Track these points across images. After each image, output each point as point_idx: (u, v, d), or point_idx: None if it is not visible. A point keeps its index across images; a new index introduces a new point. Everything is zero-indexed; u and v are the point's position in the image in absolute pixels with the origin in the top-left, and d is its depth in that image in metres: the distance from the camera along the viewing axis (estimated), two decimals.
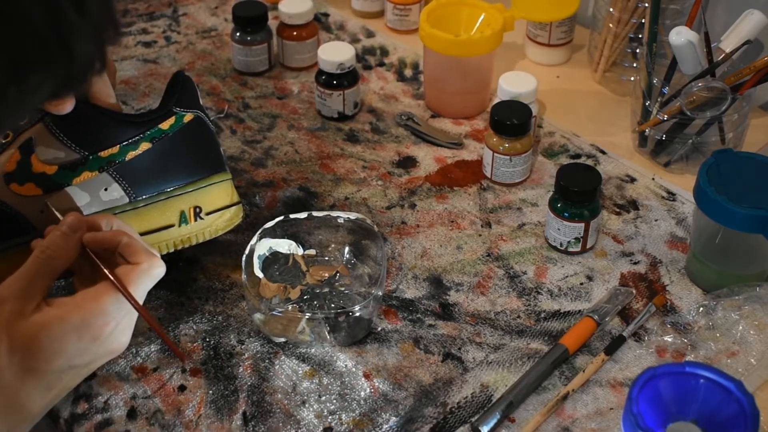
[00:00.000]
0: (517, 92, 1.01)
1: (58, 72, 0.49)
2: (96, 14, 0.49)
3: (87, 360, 0.64)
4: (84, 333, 0.63)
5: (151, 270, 0.68)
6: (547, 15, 1.12)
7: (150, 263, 0.68)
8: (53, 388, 0.64)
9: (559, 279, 0.90)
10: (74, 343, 0.63)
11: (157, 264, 0.69)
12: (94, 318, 0.64)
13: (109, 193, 0.81)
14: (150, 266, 0.68)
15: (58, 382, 0.64)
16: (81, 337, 0.63)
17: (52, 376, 0.63)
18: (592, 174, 0.90)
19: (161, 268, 0.69)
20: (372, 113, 1.11)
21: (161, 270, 0.69)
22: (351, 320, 0.82)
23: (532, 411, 0.78)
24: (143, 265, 0.68)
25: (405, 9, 1.23)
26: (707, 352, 0.81)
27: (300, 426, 0.77)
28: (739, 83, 0.95)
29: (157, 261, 0.69)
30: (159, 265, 0.69)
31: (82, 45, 0.48)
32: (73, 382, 0.65)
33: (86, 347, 0.64)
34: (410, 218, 0.96)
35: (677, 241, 0.94)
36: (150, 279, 0.68)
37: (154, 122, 0.83)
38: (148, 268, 0.68)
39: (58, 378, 0.64)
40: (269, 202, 0.98)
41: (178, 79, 0.86)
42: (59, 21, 0.47)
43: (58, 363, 0.63)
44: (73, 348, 0.63)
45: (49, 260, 0.66)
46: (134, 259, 0.68)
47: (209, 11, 1.29)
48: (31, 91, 0.48)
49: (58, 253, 0.66)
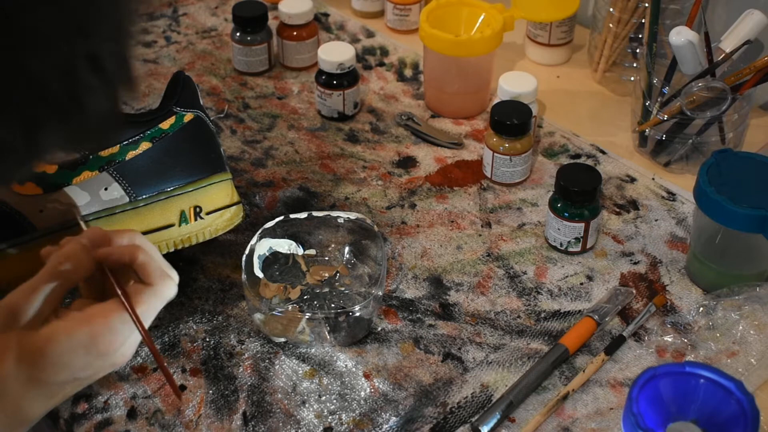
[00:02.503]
0: (517, 92, 1.01)
1: (71, 130, 0.49)
2: (112, 73, 0.48)
3: (91, 373, 0.64)
4: (91, 349, 0.63)
5: (162, 293, 0.67)
6: (547, 15, 1.12)
7: (162, 285, 0.67)
8: (55, 397, 0.64)
9: (559, 279, 0.90)
10: (81, 358, 0.63)
11: (169, 286, 0.67)
12: (102, 335, 0.63)
13: (109, 193, 0.81)
14: (162, 289, 0.67)
15: (61, 392, 0.64)
16: (88, 352, 0.63)
17: (55, 387, 0.63)
18: (592, 174, 0.90)
19: (173, 289, 0.68)
20: (372, 113, 1.11)
21: (173, 291, 0.68)
22: (351, 320, 0.82)
23: (532, 411, 0.78)
24: (155, 288, 0.66)
25: (405, 9, 1.23)
26: (707, 352, 0.81)
27: (300, 426, 0.77)
28: (739, 83, 0.95)
29: (170, 283, 0.67)
30: (171, 287, 0.68)
31: (96, 104, 0.48)
32: (74, 391, 0.65)
33: (92, 362, 0.63)
34: (410, 218, 0.96)
35: (677, 241, 0.94)
36: (160, 301, 0.67)
37: (154, 122, 0.83)
38: (159, 291, 0.66)
39: (61, 388, 0.64)
40: (269, 202, 0.98)
41: (178, 79, 0.86)
42: (73, 81, 0.46)
43: (64, 375, 0.63)
44: (80, 362, 0.63)
45: (66, 273, 0.64)
46: (148, 280, 0.67)
47: (209, 11, 1.29)
48: (42, 148, 0.48)
49: (77, 267, 0.65)
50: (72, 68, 0.46)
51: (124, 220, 0.82)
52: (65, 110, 0.47)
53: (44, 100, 0.46)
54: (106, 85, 0.48)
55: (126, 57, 0.50)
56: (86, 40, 0.47)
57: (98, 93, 0.48)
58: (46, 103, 0.46)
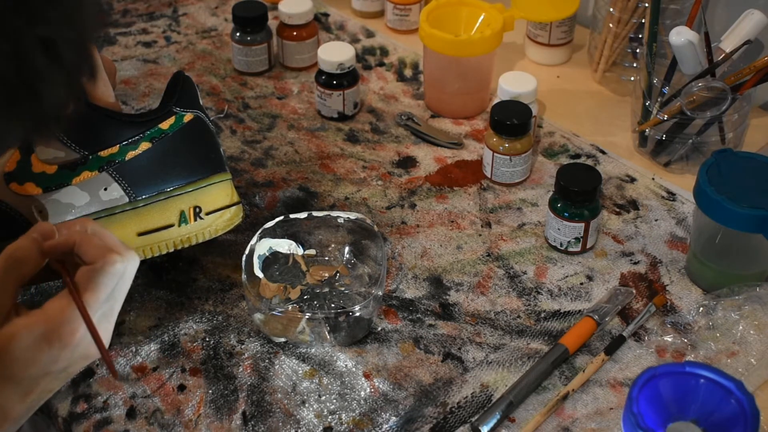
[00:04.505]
0: (517, 92, 1.01)
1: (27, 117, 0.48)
2: (69, 60, 0.47)
3: (62, 366, 0.64)
4: (53, 341, 0.62)
5: (107, 268, 0.63)
6: (547, 15, 1.12)
7: (105, 262, 0.63)
8: (31, 393, 0.64)
9: (559, 279, 0.90)
10: (45, 352, 0.62)
11: (113, 261, 0.63)
12: (61, 326, 0.62)
13: (108, 193, 0.81)
14: (105, 264, 0.63)
15: (36, 387, 0.64)
16: (51, 345, 0.62)
17: (28, 382, 0.63)
18: (592, 174, 0.90)
19: (122, 263, 0.64)
20: (372, 113, 1.11)
21: (122, 265, 0.64)
22: (351, 320, 0.82)
23: (532, 411, 0.78)
24: (97, 265, 0.63)
25: (405, 9, 1.23)
26: (707, 352, 0.81)
27: (300, 426, 0.77)
28: (739, 83, 0.95)
29: (113, 257, 0.63)
30: (116, 262, 0.63)
31: (52, 90, 0.47)
32: (53, 385, 0.65)
33: (57, 354, 0.63)
34: (410, 218, 0.96)
35: (677, 241, 0.94)
36: (109, 277, 0.63)
37: (153, 122, 0.83)
38: (102, 268, 0.63)
39: (35, 383, 0.63)
40: (269, 202, 0.98)
41: (178, 79, 0.86)
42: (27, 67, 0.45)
43: (33, 371, 0.63)
44: (45, 356, 0.62)
45: (15, 264, 0.64)
46: (87, 259, 0.64)
47: (209, 11, 1.29)
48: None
49: (25, 258, 0.64)
50: (24, 53, 0.45)
51: (124, 221, 0.81)
52: (18, 97, 0.46)
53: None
54: (62, 72, 0.47)
55: (85, 44, 0.50)
56: (40, 26, 0.46)
57: (54, 80, 0.47)
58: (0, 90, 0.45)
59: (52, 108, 0.48)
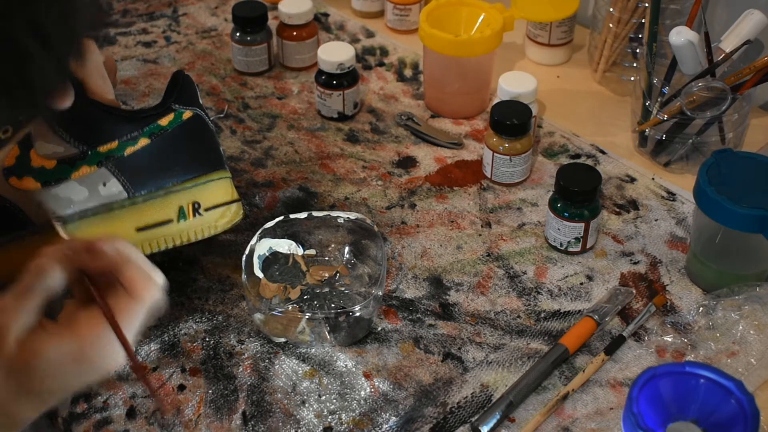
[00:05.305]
0: (517, 92, 1.01)
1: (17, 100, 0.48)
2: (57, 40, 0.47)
3: (84, 382, 0.64)
4: (81, 359, 0.62)
5: (146, 300, 0.65)
6: (547, 15, 1.12)
7: (147, 293, 0.65)
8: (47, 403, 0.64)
9: (559, 279, 0.90)
10: (71, 368, 0.62)
11: (154, 292, 0.65)
12: (90, 345, 0.62)
13: (107, 188, 0.81)
14: (146, 296, 0.65)
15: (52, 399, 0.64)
16: (79, 363, 0.62)
17: (47, 395, 0.63)
18: (592, 174, 0.90)
19: (158, 294, 0.66)
20: (372, 113, 1.11)
21: (158, 296, 0.66)
22: (351, 320, 0.82)
23: (532, 411, 0.78)
24: (138, 298, 0.64)
25: (405, 9, 1.23)
26: (707, 352, 0.81)
27: (300, 426, 0.77)
28: (739, 83, 0.95)
29: (154, 289, 0.65)
30: (155, 293, 0.65)
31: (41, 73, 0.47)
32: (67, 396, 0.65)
33: (83, 371, 0.63)
34: (410, 218, 0.96)
35: (677, 241, 0.94)
36: (145, 308, 0.65)
37: (152, 118, 0.83)
38: (143, 299, 0.65)
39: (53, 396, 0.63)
40: (269, 202, 0.98)
41: (177, 79, 0.86)
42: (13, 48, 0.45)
43: (55, 386, 0.63)
44: (70, 374, 0.62)
45: (44, 278, 0.63)
46: (133, 290, 0.65)
47: (209, 11, 1.29)
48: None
49: (54, 273, 0.64)
50: (11, 34, 0.45)
51: (123, 216, 0.81)
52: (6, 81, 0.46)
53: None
54: (51, 54, 0.47)
55: (73, 27, 0.49)
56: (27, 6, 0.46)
57: (42, 62, 0.47)
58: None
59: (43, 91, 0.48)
